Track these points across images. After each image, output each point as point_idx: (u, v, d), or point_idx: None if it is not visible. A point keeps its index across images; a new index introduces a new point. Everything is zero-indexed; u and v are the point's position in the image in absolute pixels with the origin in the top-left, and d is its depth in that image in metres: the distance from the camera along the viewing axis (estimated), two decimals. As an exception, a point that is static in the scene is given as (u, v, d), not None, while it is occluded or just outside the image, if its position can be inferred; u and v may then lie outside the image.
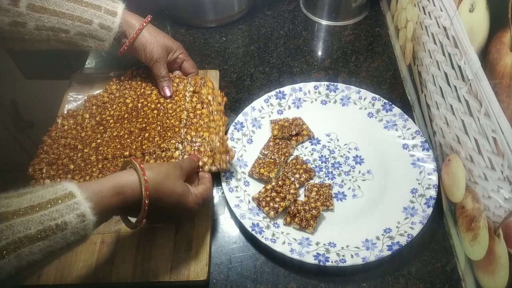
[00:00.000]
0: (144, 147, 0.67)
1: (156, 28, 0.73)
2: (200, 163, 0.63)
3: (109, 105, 0.75)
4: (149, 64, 0.72)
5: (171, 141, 0.66)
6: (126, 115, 0.72)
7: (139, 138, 0.69)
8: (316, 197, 0.66)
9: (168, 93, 0.72)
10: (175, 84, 0.76)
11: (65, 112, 0.75)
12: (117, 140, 0.69)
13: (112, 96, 0.76)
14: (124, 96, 0.76)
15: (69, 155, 0.68)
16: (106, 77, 0.82)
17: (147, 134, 0.69)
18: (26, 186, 0.65)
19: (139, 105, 0.74)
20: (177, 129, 0.69)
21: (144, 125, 0.70)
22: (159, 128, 0.69)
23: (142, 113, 0.73)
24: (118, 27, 0.67)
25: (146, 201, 0.49)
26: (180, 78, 0.78)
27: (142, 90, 0.76)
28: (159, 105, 0.73)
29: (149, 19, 0.71)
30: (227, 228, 0.66)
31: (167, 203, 0.53)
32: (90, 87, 0.80)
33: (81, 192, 0.44)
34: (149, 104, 0.74)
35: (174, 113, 0.72)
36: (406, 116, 0.74)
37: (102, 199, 0.46)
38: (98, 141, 0.70)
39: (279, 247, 0.60)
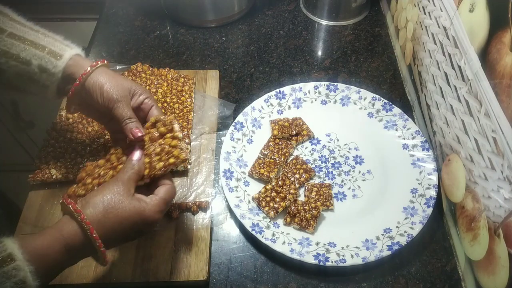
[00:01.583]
0: None
1: (115, 72, 0.61)
2: (145, 172, 0.52)
3: None
4: (108, 106, 0.56)
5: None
6: None
7: None
8: (316, 197, 0.66)
9: (139, 133, 0.55)
10: (180, 84, 0.77)
11: None
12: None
13: None
14: None
15: (76, 149, 0.69)
16: None
17: None
18: (26, 185, 0.67)
19: None
20: (185, 130, 0.71)
21: None
22: None
23: None
24: (61, 72, 0.55)
25: (98, 243, 0.45)
26: (185, 78, 0.78)
27: (147, 87, 0.77)
28: (165, 104, 0.74)
29: (104, 61, 0.58)
30: (227, 228, 0.66)
31: (122, 230, 0.48)
32: None
33: (22, 253, 0.40)
34: None
35: (181, 113, 0.74)
36: (406, 116, 0.74)
37: (47, 257, 0.42)
38: (106, 137, 0.71)
39: (279, 247, 0.60)
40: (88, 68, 0.55)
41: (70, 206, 0.45)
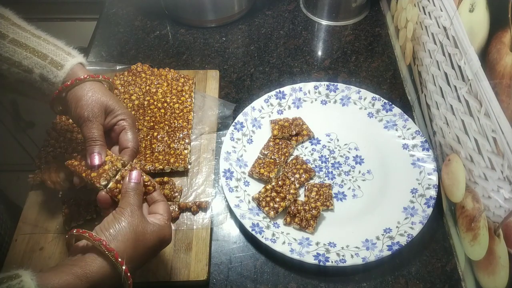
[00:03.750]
0: (153, 146, 0.69)
1: (106, 88, 0.57)
2: (145, 178, 0.52)
3: None
4: (78, 123, 0.54)
5: (181, 142, 0.70)
6: (132, 112, 0.73)
7: (148, 137, 0.71)
8: (316, 197, 0.66)
9: (96, 161, 0.52)
10: (180, 84, 0.77)
11: None
12: None
13: (117, 92, 0.77)
14: (129, 93, 0.77)
15: (76, 149, 0.69)
16: (109, 70, 0.82)
17: (156, 133, 0.71)
18: (26, 185, 0.67)
19: (146, 102, 0.75)
20: (185, 130, 0.72)
21: (152, 123, 0.72)
22: (167, 127, 0.72)
23: (149, 111, 0.74)
24: (61, 82, 0.54)
25: (130, 282, 0.44)
26: (185, 78, 0.79)
27: (147, 87, 0.77)
28: (165, 104, 0.75)
29: (102, 77, 0.57)
30: (227, 228, 0.66)
31: (147, 257, 0.48)
32: None
33: None
34: (155, 103, 0.75)
35: (181, 113, 0.74)
36: (406, 116, 0.74)
37: None
38: None
39: (279, 247, 0.60)
40: (72, 80, 0.53)
41: (101, 244, 0.42)
